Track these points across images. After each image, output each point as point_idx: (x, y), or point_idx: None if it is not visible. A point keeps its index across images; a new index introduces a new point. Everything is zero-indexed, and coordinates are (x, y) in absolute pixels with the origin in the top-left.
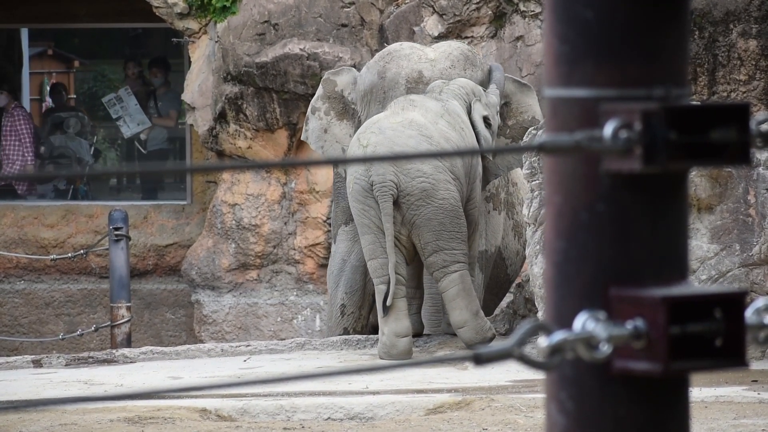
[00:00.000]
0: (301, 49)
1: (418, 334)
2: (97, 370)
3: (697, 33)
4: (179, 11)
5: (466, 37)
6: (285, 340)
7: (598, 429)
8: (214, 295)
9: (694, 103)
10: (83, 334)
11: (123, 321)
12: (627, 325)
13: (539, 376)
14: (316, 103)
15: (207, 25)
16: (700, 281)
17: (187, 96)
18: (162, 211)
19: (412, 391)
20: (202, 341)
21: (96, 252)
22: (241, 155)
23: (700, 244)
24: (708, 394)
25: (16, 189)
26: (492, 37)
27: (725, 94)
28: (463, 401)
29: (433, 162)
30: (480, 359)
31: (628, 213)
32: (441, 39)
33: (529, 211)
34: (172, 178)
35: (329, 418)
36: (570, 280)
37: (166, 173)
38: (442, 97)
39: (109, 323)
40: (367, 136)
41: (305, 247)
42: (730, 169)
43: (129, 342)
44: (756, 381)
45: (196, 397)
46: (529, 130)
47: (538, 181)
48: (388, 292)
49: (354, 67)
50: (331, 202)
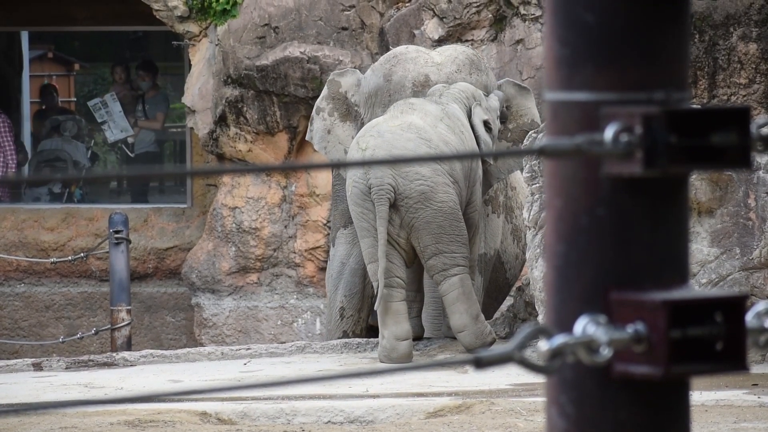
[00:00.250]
0: (301, 52)
1: (418, 338)
2: (97, 374)
3: (697, 36)
4: (179, 14)
5: (467, 40)
6: (285, 343)
7: None
8: (215, 299)
9: (695, 106)
10: (83, 338)
11: (123, 324)
12: (627, 328)
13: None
14: (321, 103)
15: (207, 28)
16: (700, 285)
17: (187, 99)
18: (162, 214)
19: (412, 395)
20: (202, 344)
21: (96, 255)
22: (242, 158)
23: (701, 247)
24: (708, 398)
25: None
26: (492, 40)
27: (725, 98)
28: (464, 405)
29: (431, 165)
30: (480, 363)
31: (628, 216)
32: (441, 42)
33: (529, 214)
34: (172, 182)
35: (329, 421)
36: (570, 284)
37: (166, 176)
38: (442, 101)
39: (109, 326)
40: (366, 140)
41: (305, 250)
42: (730, 173)
43: (129, 345)
44: (756, 385)
45: (197, 400)
46: (529, 133)
47: (538, 184)
48: (376, 296)
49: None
50: (331, 205)
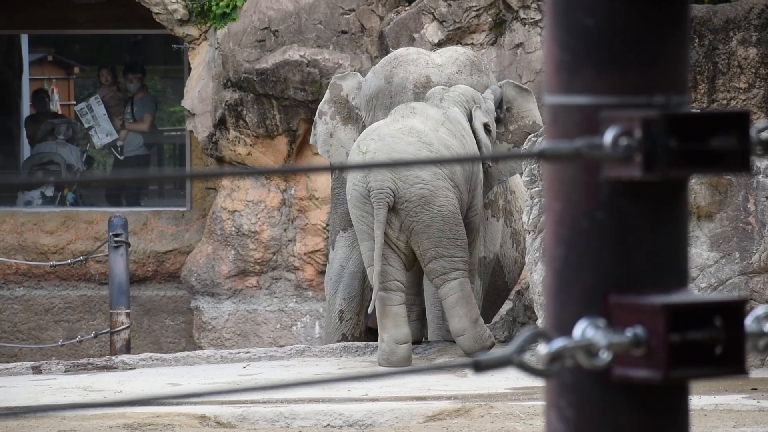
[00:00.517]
0: (301, 55)
1: (417, 341)
2: (96, 377)
3: (697, 41)
4: (179, 18)
5: (466, 44)
6: (284, 346)
7: None
8: (214, 302)
9: (694, 110)
10: (82, 341)
11: (122, 327)
12: (627, 332)
13: (539, 383)
14: (323, 107)
15: (207, 31)
16: (699, 289)
17: (186, 102)
18: (161, 217)
19: (411, 398)
20: (201, 348)
21: (95, 258)
22: (241, 162)
23: (700, 251)
24: (707, 402)
25: None
26: (492, 44)
27: (725, 102)
28: (463, 408)
29: (432, 169)
30: (479, 366)
31: (628, 220)
32: (441, 46)
33: (528, 218)
34: (171, 185)
35: (328, 425)
36: (570, 288)
37: (165, 179)
38: (442, 105)
39: (108, 330)
40: (367, 143)
41: (305, 253)
42: (729, 177)
43: (128, 348)
44: (756, 389)
45: (196, 403)
46: (529, 137)
47: (537, 188)
48: (371, 300)
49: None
50: (330, 208)
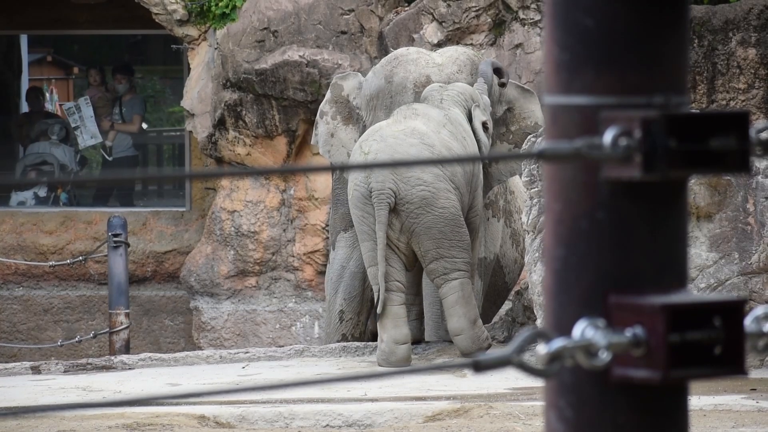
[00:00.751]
0: (300, 56)
1: (417, 341)
2: (95, 377)
3: (696, 41)
4: (179, 18)
5: (466, 44)
6: (283, 347)
7: None
8: (213, 302)
9: (694, 111)
10: (82, 341)
11: (122, 327)
12: (626, 332)
13: (538, 383)
14: (324, 107)
15: (206, 31)
16: (699, 289)
17: (186, 103)
18: (161, 217)
19: (410, 399)
20: (200, 348)
21: (95, 258)
22: (240, 162)
23: (699, 252)
24: (707, 403)
25: None
26: (491, 44)
27: (724, 103)
28: (462, 409)
29: (433, 171)
30: (479, 366)
31: (627, 220)
32: (440, 46)
33: (528, 218)
34: (171, 185)
35: (328, 425)
36: (569, 288)
37: (164, 179)
38: (443, 105)
39: (107, 330)
40: (369, 144)
41: (304, 254)
42: (729, 178)
43: (127, 348)
44: (755, 389)
45: (195, 403)
46: (528, 137)
47: (537, 188)
48: (377, 301)
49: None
50: (330, 208)
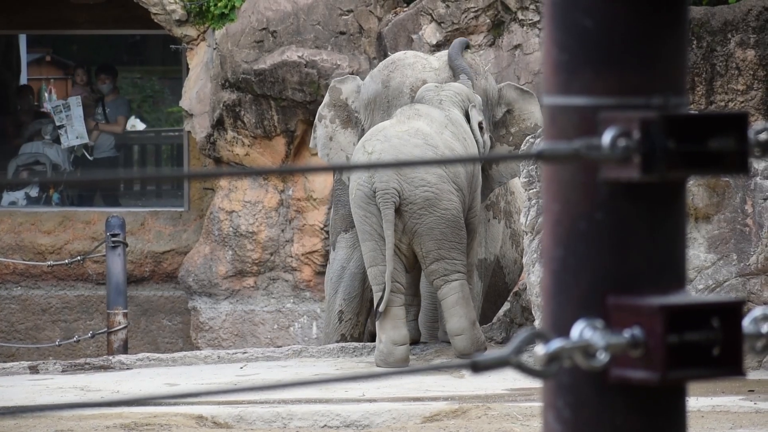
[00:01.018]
0: (299, 56)
1: (415, 342)
2: (93, 377)
3: (695, 42)
4: (177, 18)
5: None
6: (282, 347)
7: None
8: (211, 302)
9: (693, 112)
10: (80, 341)
11: (120, 327)
12: (624, 333)
13: (536, 384)
14: (323, 110)
15: (205, 32)
16: (697, 291)
17: (184, 103)
18: (159, 217)
19: (408, 399)
20: (198, 348)
21: (93, 258)
22: (239, 162)
23: (698, 253)
24: (705, 404)
25: None
26: (490, 45)
27: (723, 104)
28: (460, 409)
29: (437, 172)
30: (477, 367)
31: (626, 221)
32: (439, 47)
33: (526, 219)
34: (169, 185)
35: (326, 425)
36: (568, 289)
37: (162, 180)
38: (443, 106)
39: (105, 330)
40: (373, 143)
41: (302, 254)
42: (727, 179)
43: (125, 348)
44: (753, 391)
45: (193, 403)
46: (527, 138)
47: (535, 189)
48: (381, 298)
49: (353, 74)
50: (328, 209)
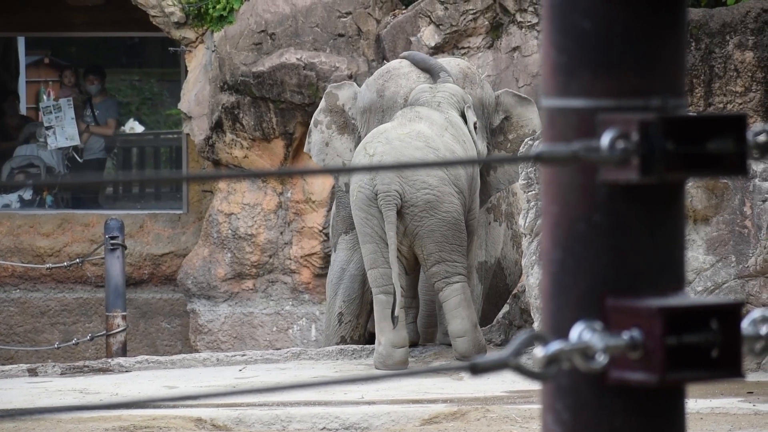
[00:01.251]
0: (297, 58)
1: (413, 344)
2: (92, 379)
3: (693, 44)
4: (176, 20)
5: (463, 47)
6: (280, 349)
7: None
8: (210, 305)
9: (691, 114)
10: (78, 343)
11: (118, 330)
12: (623, 335)
13: (535, 386)
14: (319, 116)
15: (204, 34)
16: (696, 292)
17: (183, 105)
18: (158, 220)
19: (407, 402)
20: (197, 351)
21: (92, 261)
22: (238, 165)
23: (696, 255)
24: (704, 406)
25: None
26: (489, 47)
27: (721, 106)
28: (459, 412)
29: (438, 174)
30: (476, 369)
31: (624, 223)
32: (438, 49)
33: (525, 221)
34: (168, 188)
35: (325, 428)
36: (566, 291)
37: (161, 182)
38: (441, 109)
39: (104, 332)
40: (374, 146)
41: (301, 256)
42: (726, 181)
43: (124, 351)
44: (751, 392)
45: (192, 406)
46: (525, 140)
47: (534, 191)
48: (395, 303)
49: (351, 77)
50: (327, 211)
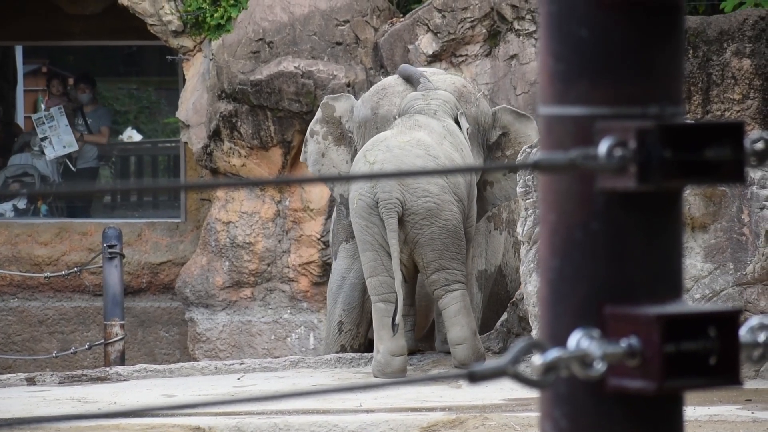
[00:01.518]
0: (295, 67)
1: (412, 352)
2: (90, 388)
3: (691, 52)
4: (174, 29)
5: (461, 55)
6: (279, 358)
7: None
8: (208, 313)
9: (689, 121)
10: (77, 352)
11: (117, 339)
12: (621, 343)
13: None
14: (315, 126)
15: (201, 42)
16: (694, 300)
17: (181, 114)
18: (156, 228)
19: (406, 410)
20: (195, 359)
21: (90, 270)
22: (236, 173)
23: (694, 262)
24: (702, 413)
25: None
26: (486, 55)
27: (719, 113)
28: (457, 420)
29: (438, 182)
30: (474, 377)
31: (622, 231)
32: (435, 57)
33: (523, 229)
34: (165, 196)
35: None
36: (564, 298)
37: (159, 191)
38: (438, 116)
39: (102, 341)
40: (375, 153)
41: (299, 265)
42: (724, 188)
43: (122, 360)
44: (750, 400)
45: (190, 415)
46: (523, 148)
47: (532, 199)
48: (395, 311)
49: (348, 85)
50: (325, 219)
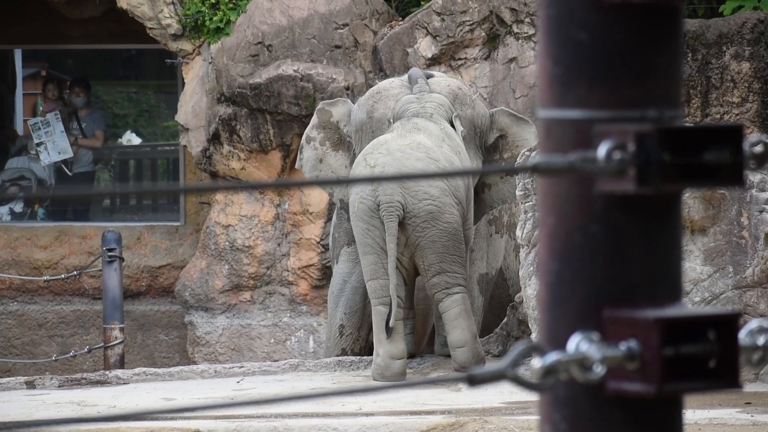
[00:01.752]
0: (294, 70)
1: (411, 355)
2: (90, 392)
3: (690, 55)
4: (173, 32)
5: (460, 58)
6: (278, 361)
7: None
8: (208, 317)
9: (688, 124)
10: (76, 356)
11: (116, 342)
12: (621, 346)
13: (533, 397)
14: (311, 132)
15: (201, 46)
16: (693, 303)
17: (180, 117)
18: (155, 232)
19: (405, 413)
20: (195, 362)
21: (89, 273)
22: (235, 176)
23: (694, 266)
24: (701, 416)
25: None
26: (485, 58)
27: (718, 116)
28: (457, 423)
29: (439, 185)
30: (474, 380)
31: (621, 234)
32: (435, 60)
33: (522, 232)
34: (165, 200)
35: None
36: (564, 301)
37: (158, 194)
38: (435, 120)
39: (102, 344)
40: (375, 157)
41: (299, 268)
42: (723, 191)
43: (122, 363)
44: (749, 403)
45: (190, 418)
46: (523, 151)
47: (531, 202)
48: (389, 314)
49: (348, 89)
50: (325, 223)
